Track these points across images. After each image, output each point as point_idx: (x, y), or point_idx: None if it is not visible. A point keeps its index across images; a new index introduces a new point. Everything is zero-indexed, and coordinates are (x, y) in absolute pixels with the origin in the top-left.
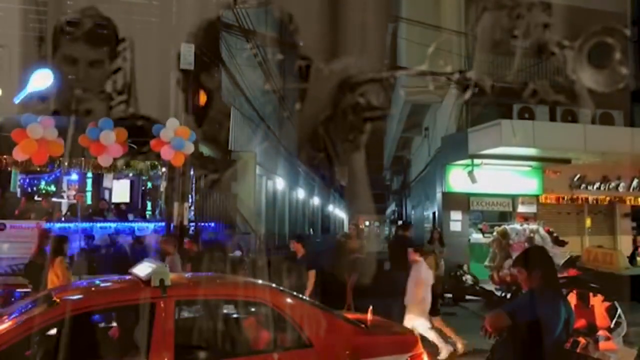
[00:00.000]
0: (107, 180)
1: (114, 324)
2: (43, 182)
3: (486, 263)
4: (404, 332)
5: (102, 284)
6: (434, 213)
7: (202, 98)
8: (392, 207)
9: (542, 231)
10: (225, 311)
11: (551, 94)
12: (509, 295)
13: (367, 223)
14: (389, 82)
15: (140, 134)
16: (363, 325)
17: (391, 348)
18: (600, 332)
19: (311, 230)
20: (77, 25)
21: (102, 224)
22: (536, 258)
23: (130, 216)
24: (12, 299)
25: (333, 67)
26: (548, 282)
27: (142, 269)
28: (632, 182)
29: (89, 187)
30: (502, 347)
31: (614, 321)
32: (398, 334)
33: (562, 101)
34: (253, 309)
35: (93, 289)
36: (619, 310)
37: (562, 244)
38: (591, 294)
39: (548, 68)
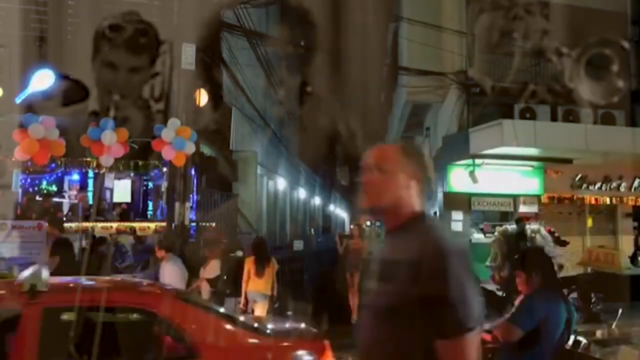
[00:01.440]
0: (108, 180)
1: None
2: (44, 182)
3: (487, 263)
4: (312, 337)
5: None
6: (434, 213)
7: (203, 98)
8: None
9: (543, 231)
10: (103, 319)
11: (552, 94)
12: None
13: (368, 223)
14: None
15: None
16: (265, 329)
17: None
18: None
19: (312, 230)
20: (119, 30)
21: (103, 224)
22: (534, 260)
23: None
24: None
25: (334, 67)
26: (547, 283)
27: (24, 273)
28: (633, 182)
29: (90, 187)
30: (504, 349)
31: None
32: (302, 339)
33: (563, 101)
34: (135, 316)
35: None
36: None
37: (563, 244)
38: None
39: (549, 68)
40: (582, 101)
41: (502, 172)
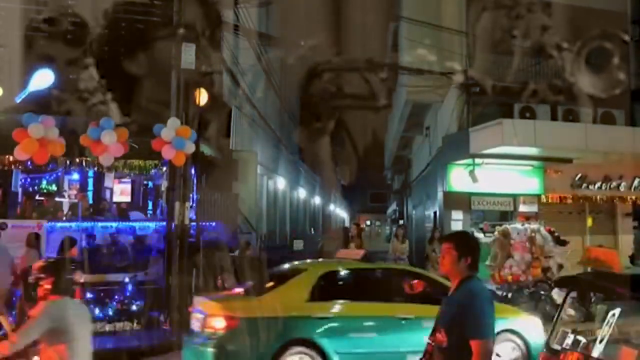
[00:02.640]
0: (108, 180)
1: None
2: (44, 182)
3: (487, 263)
4: None
5: None
6: (435, 212)
7: (203, 98)
8: (393, 206)
9: (543, 231)
10: None
11: (552, 93)
12: (510, 295)
13: (367, 222)
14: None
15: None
16: None
17: None
18: None
19: (312, 229)
20: (54, 23)
21: (103, 224)
22: (470, 243)
23: (138, 214)
24: (13, 299)
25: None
26: (474, 270)
27: None
28: (633, 181)
29: (90, 186)
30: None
31: None
32: None
33: (563, 101)
34: None
35: None
36: None
37: (563, 243)
38: None
39: (550, 67)
40: (582, 100)
41: (502, 172)
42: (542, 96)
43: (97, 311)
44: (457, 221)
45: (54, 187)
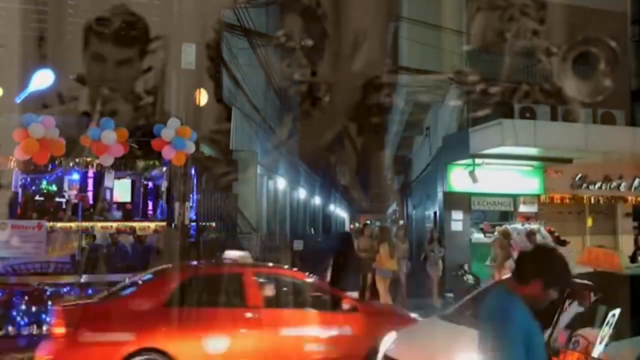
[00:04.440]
0: (108, 180)
1: None
2: (44, 182)
3: (487, 263)
4: None
5: None
6: (435, 213)
7: (203, 98)
8: (393, 206)
9: (543, 231)
10: None
11: (550, 93)
12: None
13: (368, 222)
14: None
15: None
16: None
17: None
18: None
19: (312, 229)
20: (107, 23)
21: (103, 224)
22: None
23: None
24: (14, 299)
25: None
26: None
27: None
28: (633, 181)
29: (90, 186)
30: None
31: None
32: None
33: (562, 101)
34: None
35: None
36: None
37: (563, 243)
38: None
39: (549, 67)
40: (582, 100)
41: (502, 172)
42: (538, 97)
43: None
44: (457, 221)
45: (54, 187)
